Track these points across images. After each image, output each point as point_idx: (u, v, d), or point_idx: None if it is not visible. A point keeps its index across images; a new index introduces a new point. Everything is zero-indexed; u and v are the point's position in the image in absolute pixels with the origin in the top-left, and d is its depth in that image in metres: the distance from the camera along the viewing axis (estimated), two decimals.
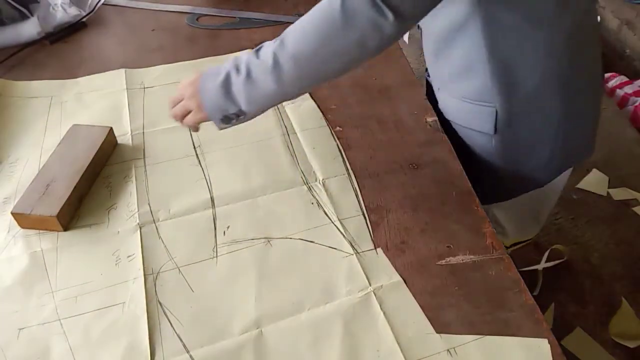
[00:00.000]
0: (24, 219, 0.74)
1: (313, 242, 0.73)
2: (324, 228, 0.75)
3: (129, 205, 0.78)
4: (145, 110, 0.95)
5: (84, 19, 1.19)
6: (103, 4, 1.24)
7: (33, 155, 0.87)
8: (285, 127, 0.91)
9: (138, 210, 0.77)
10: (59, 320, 0.64)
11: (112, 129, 0.87)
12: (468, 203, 0.78)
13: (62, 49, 1.13)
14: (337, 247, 0.72)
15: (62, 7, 1.16)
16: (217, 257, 0.71)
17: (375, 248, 0.72)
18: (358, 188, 0.80)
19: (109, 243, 0.73)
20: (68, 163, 0.80)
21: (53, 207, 0.73)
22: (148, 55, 1.10)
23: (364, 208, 0.77)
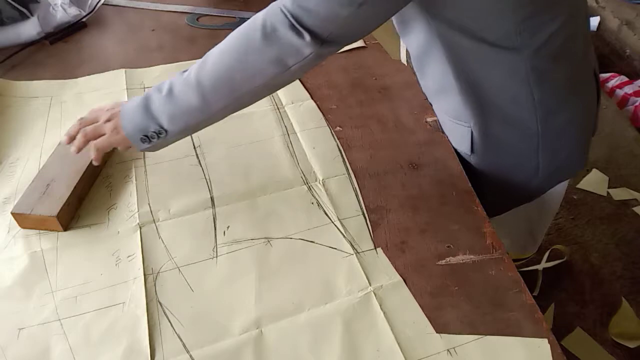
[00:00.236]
0: (24, 219, 0.74)
1: (313, 242, 0.73)
2: (324, 228, 0.75)
3: (129, 205, 0.78)
4: None
5: (84, 19, 1.19)
6: (103, 4, 1.24)
7: (33, 155, 0.87)
8: (285, 127, 0.91)
9: (138, 210, 0.77)
10: (59, 320, 0.64)
11: None
12: (468, 203, 0.78)
13: (62, 49, 1.13)
14: (337, 247, 0.72)
15: (62, 7, 1.16)
16: (217, 257, 0.71)
17: (375, 248, 0.72)
18: (358, 188, 0.80)
19: (109, 243, 0.73)
20: (68, 163, 0.80)
21: (53, 207, 0.73)
22: (148, 55, 1.10)
23: (364, 208, 0.77)
